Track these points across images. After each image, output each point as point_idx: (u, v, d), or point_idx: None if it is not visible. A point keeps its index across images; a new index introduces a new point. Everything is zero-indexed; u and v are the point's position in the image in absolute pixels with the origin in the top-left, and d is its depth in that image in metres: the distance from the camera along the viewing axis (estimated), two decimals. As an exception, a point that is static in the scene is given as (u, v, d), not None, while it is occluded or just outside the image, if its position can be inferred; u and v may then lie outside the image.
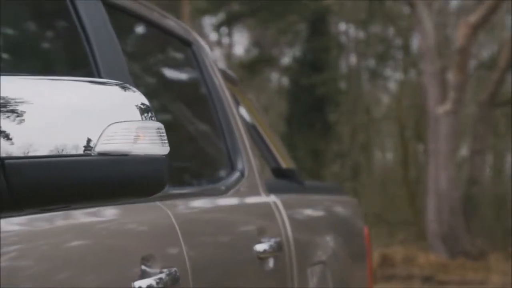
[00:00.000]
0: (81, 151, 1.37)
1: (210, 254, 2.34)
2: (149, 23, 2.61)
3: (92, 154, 1.38)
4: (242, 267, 2.55)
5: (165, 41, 2.78)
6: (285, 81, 21.43)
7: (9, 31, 2.05)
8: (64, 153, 1.37)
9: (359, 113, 20.59)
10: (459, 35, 14.04)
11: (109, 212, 1.94)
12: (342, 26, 21.51)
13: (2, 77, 1.38)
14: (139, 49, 2.71)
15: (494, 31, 18.42)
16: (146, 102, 1.47)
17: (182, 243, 2.15)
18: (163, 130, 1.49)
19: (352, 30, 21.63)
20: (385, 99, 22.39)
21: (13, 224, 1.56)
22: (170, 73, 2.95)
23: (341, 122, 20.32)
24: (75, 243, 1.76)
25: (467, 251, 14.05)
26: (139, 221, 2.07)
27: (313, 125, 19.02)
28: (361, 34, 21.36)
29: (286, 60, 21.65)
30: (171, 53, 2.94)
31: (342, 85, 20.91)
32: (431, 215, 14.34)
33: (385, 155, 22.96)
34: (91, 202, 1.47)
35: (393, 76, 21.69)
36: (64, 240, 1.73)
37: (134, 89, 1.48)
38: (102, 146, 1.39)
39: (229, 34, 22.43)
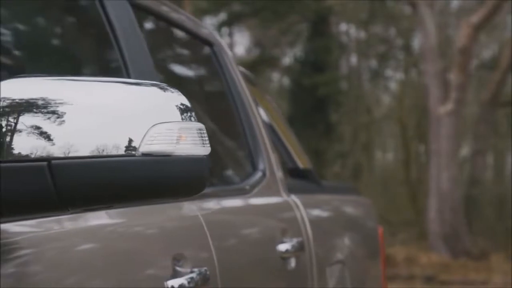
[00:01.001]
0: (122, 151, 1.38)
1: (236, 253, 2.36)
2: (172, 23, 2.62)
3: (136, 155, 1.39)
4: (266, 267, 2.56)
5: (187, 41, 2.79)
6: (286, 81, 21.44)
7: (37, 32, 2.06)
8: (105, 153, 1.38)
9: (360, 113, 20.60)
10: (461, 35, 14.05)
11: (140, 212, 1.95)
12: (344, 27, 21.52)
13: (40, 79, 1.39)
14: (162, 48, 2.72)
15: (495, 32, 18.42)
16: (186, 102, 1.48)
17: (211, 243, 2.16)
18: (204, 131, 1.50)
19: (353, 31, 21.64)
20: (386, 99, 22.40)
21: (34, 226, 1.57)
22: (191, 73, 2.96)
23: (342, 122, 20.33)
24: (109, 243, 1.78)
25: (469, 251, 14.07)
26: (169, 221, 2.09)
27: (315, 125, 19.02)
28: (363, 35, 21.36)
29: (287, 60, 21.67)
30: (192, 53, 2.95)
31: (343, 85, 20.91)
32: (432, 215, 14.35)
33: (386, 155, 22.97)
34: (134, 202, 1.48)
35: (394, 76, 21.71)
36: (97, 239, 1.74)
37: (173, 89, 1.48)
38: (146, 146, 1.40)
39: (230, 34, 22.43)
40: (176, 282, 1.90)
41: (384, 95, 22.48)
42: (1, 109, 1.36)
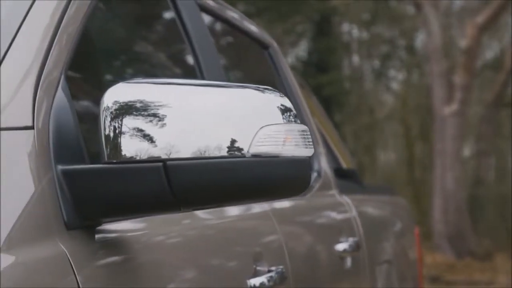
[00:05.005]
0: (224, 153, 1.40)
1: (303, 253, 2.39)
2: (232, 25, 2.65)
3: (246, 156, 1.42)
4: (327, 267, 2.60)
5: (245, 43, 2.82)
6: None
7: (112, 35, 2.07)
8: (207, 154, 1.40)
9: (363, 114, 20.60)
10: (466, 36, 14.07)
11: (222, 212, 1.98)
12: (347, 27, 21.52)
13: (144, 83, 1.41)
14: (221, 49, 2.75)
15: (499, 32, 18.44)
16: (287, 103, 1.49)
17: (283, 242, 2.19)
18: (308, 132, 1.52)
19: (356, 31, 21.64)
20: (389, 99, 22.39)
21: (136, 222, 1.59)
22: (246, 73, 2.99)
23: (345, 123, 20.33)
24: (197, 241, 1.80)
25: (474, 251, 14.09)
26: (245, 219, 2.12)
27: (318, 126, 18.99)
28: (365, 35, 21.36)
29: (289, 60, 21.66)
30: (249, 54, 2.98)
31: (347, 85, 20.90)
32: (437, 215, 14.37)
33: (389, 155, 22.98)
34: (242, 202, 1.51)
35: (397, 77, 21.72)
36: (187, 240, 1.77)
37: (273, 90, 1.50)
38: (255, 148, 1.42)
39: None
40: (257, 280, 1.93)
41: (387, 95, 22.49)
42: (112, 113, 1.38)
